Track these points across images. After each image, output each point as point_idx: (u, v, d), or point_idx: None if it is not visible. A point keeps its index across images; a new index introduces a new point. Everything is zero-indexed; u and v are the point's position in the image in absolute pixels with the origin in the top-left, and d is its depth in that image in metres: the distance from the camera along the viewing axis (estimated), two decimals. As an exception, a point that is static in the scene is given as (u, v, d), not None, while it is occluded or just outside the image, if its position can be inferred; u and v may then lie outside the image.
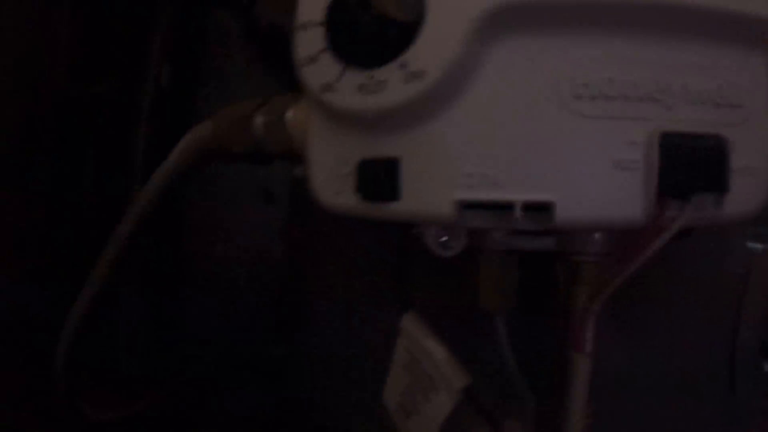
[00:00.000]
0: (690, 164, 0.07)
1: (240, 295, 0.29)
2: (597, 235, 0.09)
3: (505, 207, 0.08)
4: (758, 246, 0.17)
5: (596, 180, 0.08)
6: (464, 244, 0.09)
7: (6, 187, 0.20)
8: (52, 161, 0.24)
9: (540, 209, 0.08)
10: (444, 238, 0.10)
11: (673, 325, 0.14)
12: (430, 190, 0.08)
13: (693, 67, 0.08)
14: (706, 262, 0.13)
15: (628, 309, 0.14)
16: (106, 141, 0.29)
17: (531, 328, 0.11)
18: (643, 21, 0.08)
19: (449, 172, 0.08)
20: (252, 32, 0.33)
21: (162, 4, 0.31)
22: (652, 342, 0.13)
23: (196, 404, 0.26)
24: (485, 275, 0.10)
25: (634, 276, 0.08)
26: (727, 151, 0.07)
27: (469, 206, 0.08)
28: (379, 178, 0.08)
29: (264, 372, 0.26)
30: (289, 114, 0.11)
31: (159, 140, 0.31)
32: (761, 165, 0.08)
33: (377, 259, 0.12)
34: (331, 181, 0.09)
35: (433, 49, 0.08)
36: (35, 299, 0.21)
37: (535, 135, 0.08)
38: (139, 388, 0.24)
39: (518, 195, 0.08)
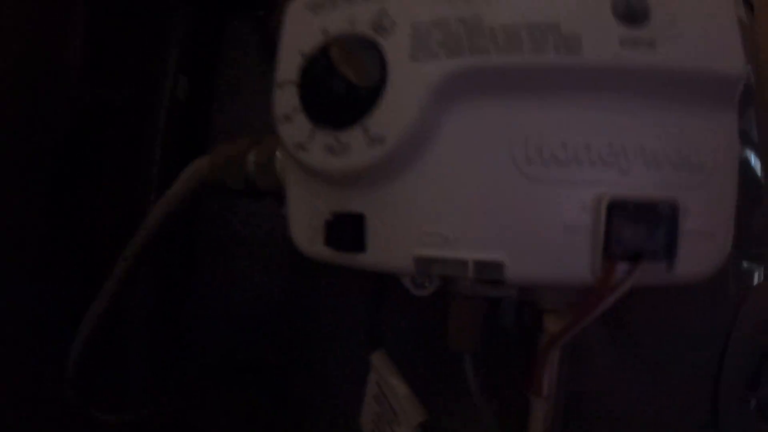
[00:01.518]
0: (637, 231, 0.08)
1: (244, 304, 0.32)
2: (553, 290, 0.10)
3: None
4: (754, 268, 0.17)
5: (546, 242, 0.09)
6: (437, 285, 0.11)
7: (14, 190, 0.22)
8: (61, 166, 0.26)
9: (493, 266, 0.09)
10: (418, 279, 0.11)
11: (660, 356, 0.14)
12: (393, 245, 0.09)
13: (651, 128, 0.09)
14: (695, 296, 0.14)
15: (619, 335, 0.14)
16: (121, 149, 0.32)
17: (501, 363, 0.12)
18: (598, 83, 0.08)
19: (409, 230, 0.09)
20: (268, 45, 0.35)
21: (179, 16, 0.34)
22: (638, 373, 0.14)
23: (200, 409, 0.29)
24: (454, 318, 0.11)
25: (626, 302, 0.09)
26: (677, 218, 0.08)
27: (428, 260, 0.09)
28: (346, 231, 0.09)
29: (266, 379, 0.28)
30: (278, 155, 0.13)
31: (175, 150, 0.34)
32: (719, 228, 0.09)
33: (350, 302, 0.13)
34: (306, 230, 0.10)
35: (392, 115, 0.09)
36: (43, 301, 0.24)
37: (489, 198, 0.09)
38: (144, 393, 0.27)
39: (471, 254, 0.09)
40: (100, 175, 0.30)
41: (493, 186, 0.09)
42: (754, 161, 0.19)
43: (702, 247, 0.09)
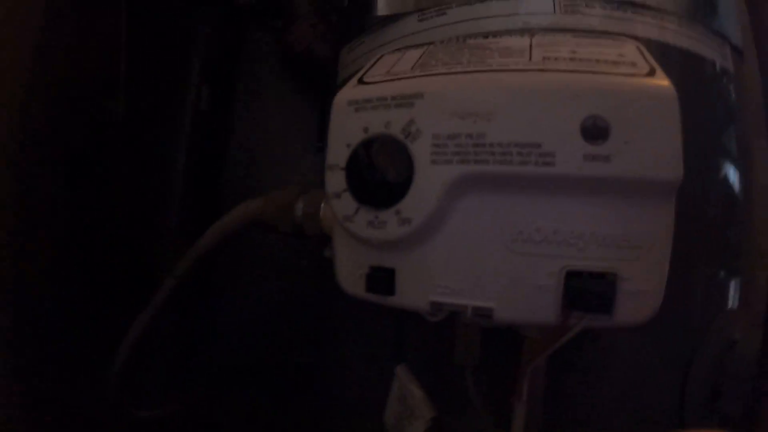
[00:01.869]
0: (584, 294, 0.12)
1: (269, 306, 0.36)
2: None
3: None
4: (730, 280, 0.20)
5: (524, 296, 0.12)
6: (446, 314, 0.14)
7: (41, 195, 0.25)
8: (86, 172, 0.30)
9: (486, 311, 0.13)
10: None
11: (628, 370, 0.18)
12: (414, 293, 0.13)
13: (602, 218, 0.12)
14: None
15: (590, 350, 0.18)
16: (146, 156, 0.35)
17: (500, 379, 0.16)
18: (565, 186, 0.12)
19: (426, 283, 0.13)
20: (286, 55, 0.38)
21: (201, 28, 0.36)
22: (606, 381, 0.18)
23: (225, 407, 0.33)
24: (458, 339, 0.15)
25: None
26: (615, 284, 0.12)
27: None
28: (381, 281, 0.13)
29: (290, 379, 0.32)
30: (323, 207, 0.16)
31: (197, 157, 0.37)
32: (651, 288, 0.12)
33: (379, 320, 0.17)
34: (350, 276, 0.14)
35: (417, 203, 0.12)
36: (72, 305, 0.28)
37: (484, 263, 0.12)
38: (173, 391, 0.31)
39: (470, 302, 0.13)
40: (125, 182, 0.34)
41: (487, 255, 0.12)
42: (732, 177, 0.22)
43: (637, 302, 0.12)
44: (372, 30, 0.22)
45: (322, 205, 0.16)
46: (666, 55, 0.20)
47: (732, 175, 0.22)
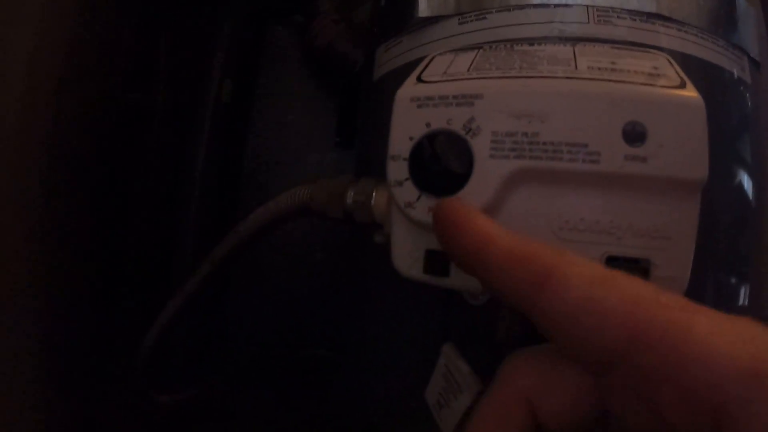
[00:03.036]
0: None
1: (286, 298, 0.38)
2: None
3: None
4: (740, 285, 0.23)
5: None
6: (487, 299, 0.17)
7: (65, 180, 0.27)
8: (109, 162, 0.32)
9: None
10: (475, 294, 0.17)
11: None
12: (467, 275, 0.15)
13: (637, 212, 0.15)
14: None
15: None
16: (168, 148, 0.37)
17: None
18: (607, 182, 0.14)
19: None
20: (308, 50, 0.40)
21: (225, 22, 0.38)
22: None
23: (241, 394, 0.35)
24: (501, 321, 0.17)
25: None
26: (649, 269, 0.14)
27: (490, 284, 0.15)
28: (438, 263, 0.15)
29: (307, 370, 0.34)
30: (374, 195, 0.19)
31: (218, 150, 0.39)
32: (678, 274, 0.15)
33: (423, 303, 0.20)
34: (407, 259, 0.16)
35: (476, 192, 0.15)
36: (100, 300, 0.30)
37: None
38: (192, 378, 0.33)
39: None
40: (146, 172, 0.36)
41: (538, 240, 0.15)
42: (746, 184, 0.25)
43: (665, 285, 0.15)
44: (411, 30, 0.25)
45: (374, 193, 0.19)
46: (687, 65, 0.23)
47: (746, 181, 0.25)
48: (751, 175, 0.25)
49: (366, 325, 0.27)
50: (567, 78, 0.16)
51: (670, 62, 0.17)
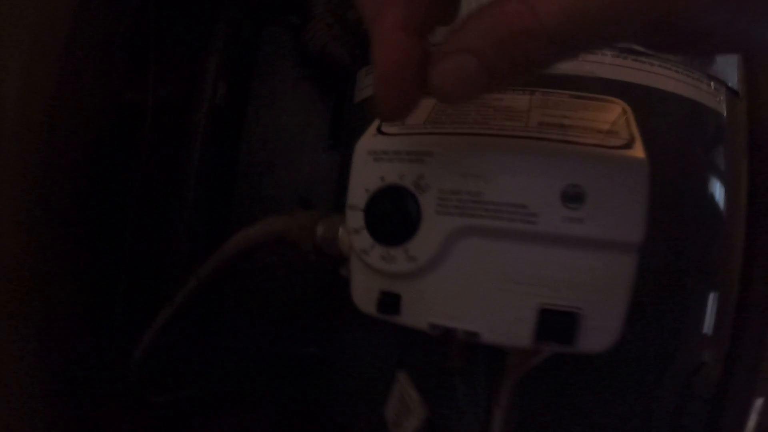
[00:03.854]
0: (553, 327, 0.15)
1: (279, 298, 0.40)
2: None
3: (455, 330, 0.17)
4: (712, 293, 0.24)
5: (506, 324, 0.16)
6: (441, 332, 0.18)
7: (62, 182, 0.28)
8: (102, 164, 0.33)
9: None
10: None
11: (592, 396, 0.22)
12: (416, 314, 0.17)
13: (573, 267, 0.16)
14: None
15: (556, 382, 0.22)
16: (161, 151, 0.38)
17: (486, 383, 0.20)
18: (545, 240, 0.15)
19: (426, 307, 0.17)
20: (303, 53, 0.40)
21: (220, 24, 0.39)
22: (577, 393, 0.22)
23: (235, 393, 0.37)
24: (451, 352, 0.19)
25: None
26: (578, 320, 0.15)
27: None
28: (390, 303, 0.17)
29: (296, 369, 0.36)
30: (340, 232, 0.20)
31: (212, 152, 0.40)
32: (610, 325, 0.16)
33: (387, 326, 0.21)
34: (364, 297, 0.18)
35: (422, 245, 0.16)
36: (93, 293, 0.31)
37: (475, 296, 0.16)
38: (185, 378, 0.35)
39: (461, 325, 0.16)
40: (140, 174, 0.37)
41: (477, 290, 0.16)
42: (719, 194, 0.25)
43: (597, 335, 0.16)
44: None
45: (340, 229, 0.20)
46: (660, 100, 0.23)
47: (718, 194, 0.25)
48: (723, 185, 0.25)
49: (346, 332, 0.29)
50: (515, 137, 0.16)
51: (625, 114, 0.18)
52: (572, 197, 0.16)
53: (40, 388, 0.27)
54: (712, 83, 0.25)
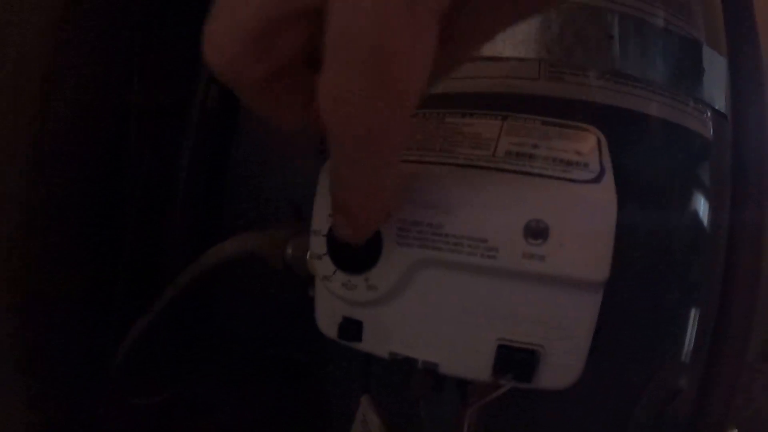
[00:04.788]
0: (511, 363, 0.15)
1: (267, 301, 0.40)
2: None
3: (415, 359, 0.16)
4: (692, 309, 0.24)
5: (464, 356, 0.16)
6: (404, 356, 0.18)
7: (61, 184, 0.29)
8: (95, 163, 0.33)
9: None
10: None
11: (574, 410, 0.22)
12: (376, 342, 0.17)
13: (534, 303, 0.16)
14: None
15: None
16: (151, 153, 0.38)
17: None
18: (506, 275, 0.15)
19: (386, 336, 0.17)
20: None
21: None
22: (553, 419, 0.22)
23: (221, 398, 0.38)
24: (413, 378, 0.19)
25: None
26: (538, 358, 0.15)
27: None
28: (351, 330, 0.17)
29: (286, 374, 0.36)
30: (309, 254, 0.20)
31: (203, 154, 0.40)
32: (571, 363, 0.16)
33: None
34: (327, 321, 0.18)
35: (382, 275, 0.16)
36: (80, 295, 0.32)
37: (434, 327, 0.16)
38: (171, 381, 0.36)
39: (420, 355, 0.16)
40: (133, 174, 0.37)
41: (436, 320, 0.16)
42: (703, 210, 0.25)
43: (558, 372, 0.16)
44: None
45: (308, 254, 0.20)
46: (645, 125, 0.23)
47: (702, 209, 0.25)
48: (707, 200, 0.24)
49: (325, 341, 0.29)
50: (480, 167, 0.16)
51: (598, 143, 0.18)
52: (535, 233, 0.15)
53: (26, 386, 0.27)
54: (698, 106, 0.24)
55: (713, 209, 0.25)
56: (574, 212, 0.15)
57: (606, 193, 0.16)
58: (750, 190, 0.26)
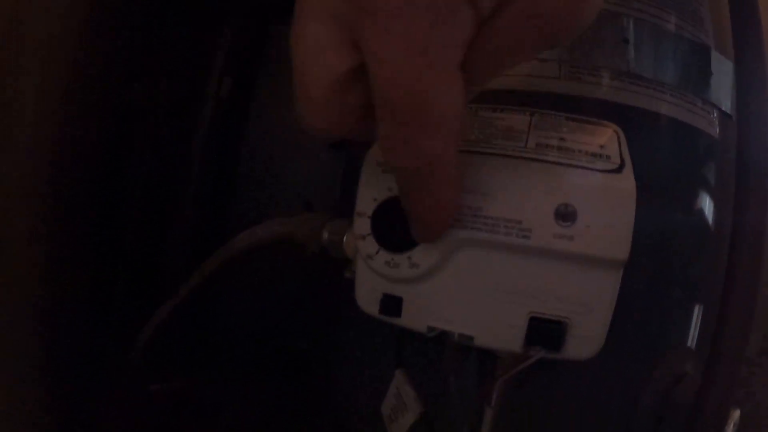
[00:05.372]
0: (541, 334, 0.17)
1: (270, 292, 0.41)
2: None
3: (451, 333, 0.18)
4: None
5: (498, 330, 0.18)
6: (438, 333, 0.20)
7: (66, 176, 0.29)
8: (109, 158, 0.34)
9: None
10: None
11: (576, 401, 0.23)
12: (415, 317, 0.18)
13: (562, 280, 0.17)
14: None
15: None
16: (164, 142, 0.39)
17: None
18: (538, 254, 0.17)
19: (425, 311, 0.18)
20: None
21: (227, 21, 0.40)
22: (559, 400, 0.23)
23: (225, 387, 0.38)
24: (446, 353, 0.20)
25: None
26: (565, 330, 0.17)
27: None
28: (392, 305, 0.18)
29: (288, 364, 0.37)
30: (346, 236, 0.21)
31: (215, 147, 0.41)
32: (594, 335, 0.17)
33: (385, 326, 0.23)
34: (367, 298, 0.19)
35: (424, 255, 0.18)
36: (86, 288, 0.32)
37: (471, 302, 0.18)
38: (181, 370, 0.36)
39: (457, 329, 0.18)
40: (144, 167, 0.38)
41: (473, 296, 0.18)
42: (708, 209, 0.27)
43: (582, 344, 0.17)
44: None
45: (346, 234, 0.21)
46: (656, 123, 0.24)
47: (707, 208, 0.27)
48: (712, 199, 0.26)
49: (341, 329, 0.30)
50: (514, 157, 0.18)
51: (618, 138, 0.19)
52: (565, 215, 0.17)
53: (40, 379, 0.28)
54: (706, 107, 0.26)
55: (718, 203, 0.27)
56: (599, 198, 0.17)
57: (627, 182, 0.18)
58: (753, 186, 0.27)
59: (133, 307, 0.35)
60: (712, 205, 0.26)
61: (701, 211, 0.26)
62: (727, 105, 0.27)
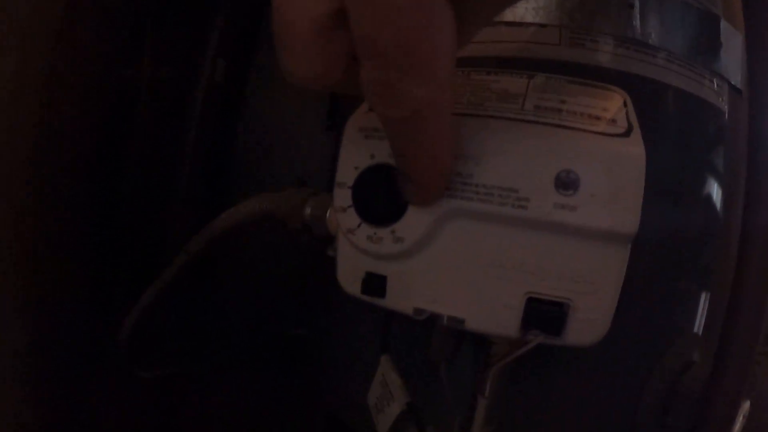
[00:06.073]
0: (540, 317, 0.15)
1: (270, 278, 0.39)
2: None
3: (440, 315, 0.16)
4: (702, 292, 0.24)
5: (491, 311, 0.16)
6: (426, 316, 0.18)
7: (61, 159, 0.28)
8: (98, 141, 0.32)
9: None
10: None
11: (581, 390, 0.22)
12: (401, 298, 0.17)
13: (563, 256, 0.15)
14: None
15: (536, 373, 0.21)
16: (157, 125, 0.38)
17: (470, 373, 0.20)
18: (535, 227, 0.15)
19: (411, 291, 0.16)
20: None
21: (221, 3, 0.38)
22: (563, 388, 0.22)
23: (220, 373, 0.37)
24: (434, 339, 0.18)
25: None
26: (567, 312, 0.15)
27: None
28: (375, 285, 0.17)
29: (284, 350, 0.36)
30: (329, 211, 0.19)
31: (209, 129, 0.40)
32: (598, 318, 0.16)
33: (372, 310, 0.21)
34: (349, 277, 0.17)
35: (409, 227, 0.16)
36: (84, 273, 0.31)
37: (461, 281, 0.16)
38: (174, 355, 0.35)
39: (446, 311, 0.16)
40: (137, 150, 0.36)
41: (464, 274, 0.16)
42: (716, 194, 0.25)
43: (585, 328, 0.16)
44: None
45: (329, 210, 0.20)
46: (660, 93, 0.23)
47: (716, 194, 0.25)
48: (722, 196, 0.25)
49: (331, 315, 0.29)
50: (509, 119, 0.16)
51: (624, 103, 0.18)
52: (566, 183, 0.15)
53: (30, 366, 0.26)
54: (714, 80, 0.24)
55: (728, 185, 0.25)
56: (604, 164, 0.15)
57: (635, 147, 0.16)
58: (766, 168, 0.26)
59: (130, 290, 0.33)
60: (722, 186, 0.25)
61: (710, 193, 0.25)
62: (736, 79, 0.25)
